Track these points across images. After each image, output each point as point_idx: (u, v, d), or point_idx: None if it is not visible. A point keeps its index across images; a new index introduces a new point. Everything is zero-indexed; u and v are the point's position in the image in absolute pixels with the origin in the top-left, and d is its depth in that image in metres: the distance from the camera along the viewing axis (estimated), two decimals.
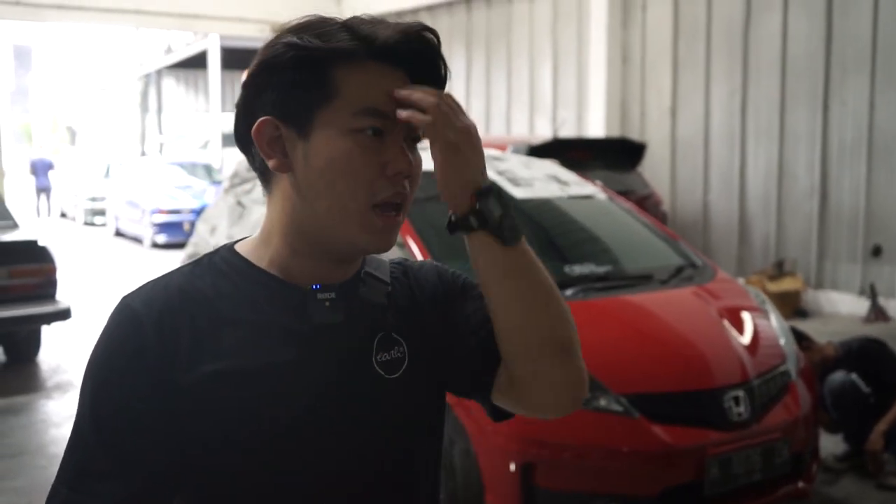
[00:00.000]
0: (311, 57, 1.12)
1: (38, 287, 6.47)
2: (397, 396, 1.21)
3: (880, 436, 4.51)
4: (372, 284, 1.24)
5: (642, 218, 5.25)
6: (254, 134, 1.16)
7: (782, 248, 9.34)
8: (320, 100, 1.12)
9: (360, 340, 1.20)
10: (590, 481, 3.54)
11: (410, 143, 1.17)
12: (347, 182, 1.12)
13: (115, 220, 17.40)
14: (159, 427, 1.11)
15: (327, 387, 1.16)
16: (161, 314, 1.13)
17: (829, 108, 8.82)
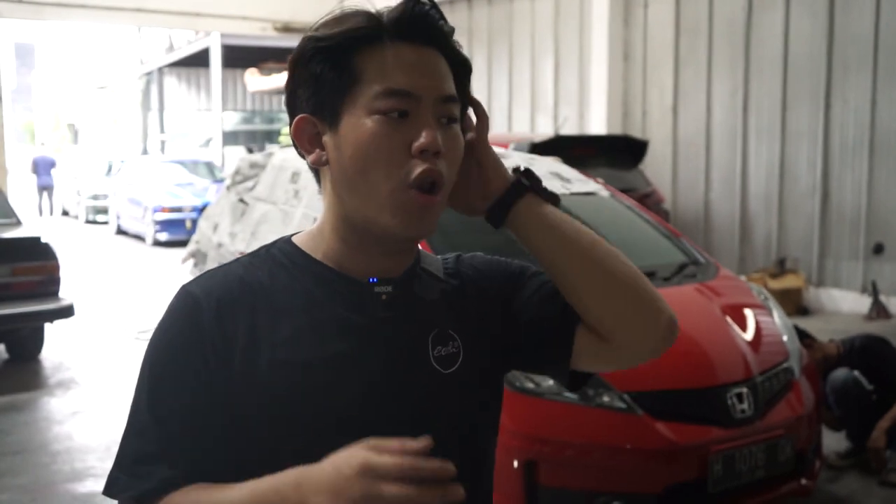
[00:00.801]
0: (328, 47, 1.14)
1: (41, 284, 6.48)
2: (453, 391, 1.22)
3: (883, 433, 4.51)
4: (427, 280, 1.25)
5: (645, 215, 5.25)
6: (293, 133, 1.18)
7: (784, 245, 9.34)
8: (344, 88, 1.14)
9: (416, 335, 1.21)
10: (593, 479, 3.53)
11: (443, 123, 1.16)
12: (377, 165, 1.12)
13: (116, 218, 17.41)
14: (214, 412, 1.13)
15: (383, 380, 1.17)
16: (220, 302, 1.15)
17: (830, 106, 8.82)
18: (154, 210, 15.35)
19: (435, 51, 1.17)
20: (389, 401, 1.18)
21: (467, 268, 1.33)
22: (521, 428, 3.55)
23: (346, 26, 1.14)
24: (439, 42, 1.18)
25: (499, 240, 4.71)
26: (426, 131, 1.12)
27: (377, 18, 1.15)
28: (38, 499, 4.49)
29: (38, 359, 7.29)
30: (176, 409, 1.13)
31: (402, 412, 1.18)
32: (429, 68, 1.16)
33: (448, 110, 1.16)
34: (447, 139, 1.15)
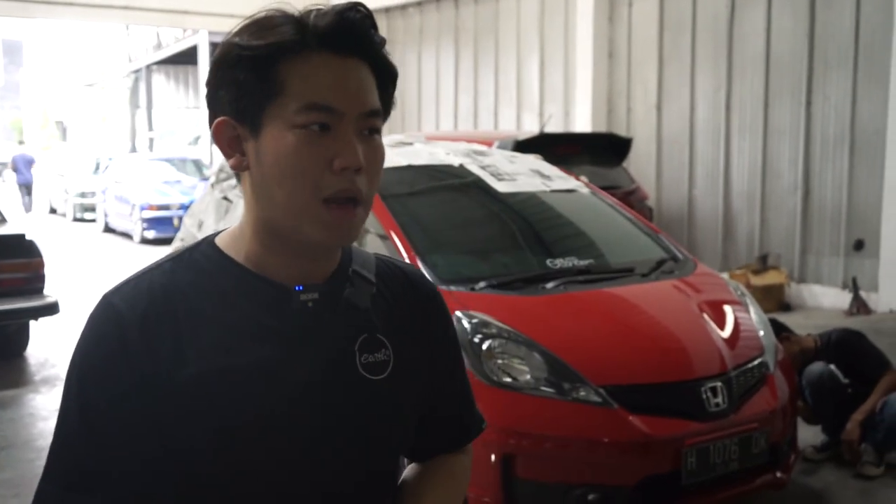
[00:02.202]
0: (252, 56, 1.12)
1: (26, 282, 6.50)
2: (383, 397, 1.22)
3: (857, 426, 4.58)
4: (359, 284, 1.23)
5: (624, 211, 5.30)
6: (213, 134, 1.18)
7: (766, 242, 9.42)
8: (267, 97, 1.12)
9: (344, 342, 1.20)
10: (569, 472, 3.58)
11: (365, 136, 1.16)
12: (294, 178, 1.12)
13: (104, 215, 17.40)
14: (146, 430, 1.12)
15: (310, 387, 1.16)
16: (145, 317, 1.13)
17: (812, 103, 8.89)
18: (142, 208, 15.35)
19: (361, 61, 1.16)
20: (317, 408, 1.17)
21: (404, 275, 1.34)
22: (499, 422, 3.58)
23: (271, 39, 1.12)
24: (368, 52, 1.17)
25: (479, 237, 4.76)
26: (348, 149, 1.12)
27: (304, 26, 1.13)
28: (22, 494, 4.52)
29: (23, 356, 7.31)
30: (108, 427, 1.12)
31: (329, 419, 1.17)
32: (353, 82, 1.14)
33: (370, 123, 1.16)
34: (368, 152, 1.15)
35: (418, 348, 1.28)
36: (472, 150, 5.59)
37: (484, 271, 4.29)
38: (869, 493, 4.38)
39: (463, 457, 1.40)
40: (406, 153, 5.34)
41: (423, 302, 1.32)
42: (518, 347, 3.76)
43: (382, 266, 1.31)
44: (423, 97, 15.29)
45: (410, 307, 1.29)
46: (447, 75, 14.60)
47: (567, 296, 4.16)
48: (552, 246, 4.73)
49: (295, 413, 1.15)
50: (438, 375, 1.33)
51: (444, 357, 1.35)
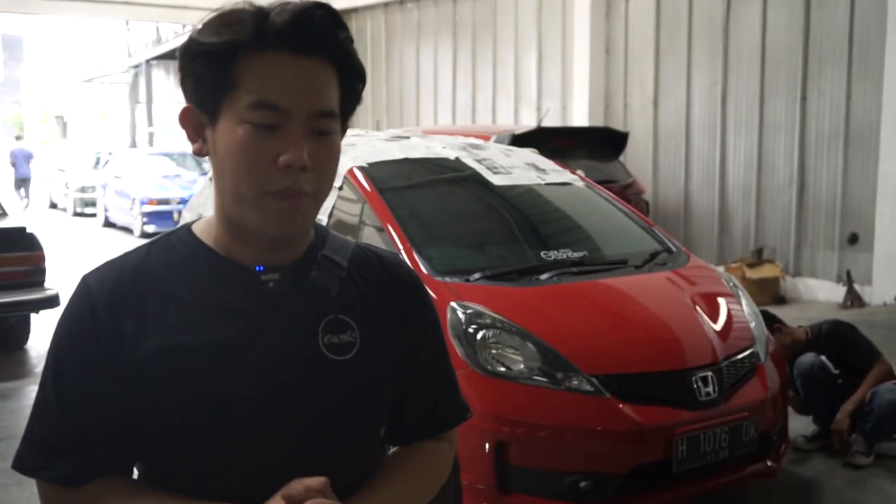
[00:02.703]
0: (208, 52, 1.17)
1: (27, 275, 6.55)
2: (347, 377, 1.24)
3: (847, 415, 4.64)
4: (326, 267, 1.27)
5: (619, 204, 5.36)
6: (179, 120, 1.25)
7: (761, 236, 9.49)
8: (222, 91, 1.17)
9: (307, 322, 1.24)
10: (562, 459, 3.65)
11: (315, 136, 1.18)
12: (241, 171, 1.16)
13: (104, 210, 17.46)
14: (113, 400, 1.18)
15: (270, 365, 1.20)
16: (111, 294, 1.21)
17: (807, 99, 8.96)
18: (142, 202, 15.42)
19: (320, 60, 1.18)
20: (277, 386, 1.21)
21: (384, 263, 1.37)
22: (492, 410, 3.66)
23: (226, 37, 1.16)
24: (329, 51, 1.19)
25: (475, 229, 4.82)
26: (294, 149, 1.15)
27: (263, 23, 1.15)
28: (24, 482, 4.56)
29: (24, 348, 7.38)
30: (78, 397, 1.19)
31: (290, 398, 1.21)
32: (305, 83, 1.17)
33: (321, 124, 1.18)
34: (318, 150, 1.18)
35: (391, 333, 1.30)
36: (468, 143, 5.65)
37: (479, 263, 4.35)
38: (858, 482, 4.44)
39: (442, 444, 1.43)
40: (402, 147, 5.40)
41: (400, 288, 1.35)
42: (512, 337, 3.83)
43: (359, 252, 1.34)
44: (421, 92, 15.34)
45: (385, 293, 1.32)
46: (445, 70, 14.65)
47: (560, 287, 4.22)
48: (547, 238, 4.79)
49: (256, 389, 1.19)
50: (415, 361, 1.35)
51: (422, 343, 1.37)
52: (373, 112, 16.28)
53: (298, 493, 1.12)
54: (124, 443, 1.21)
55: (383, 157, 5.11)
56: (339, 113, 1.22)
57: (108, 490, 1.20)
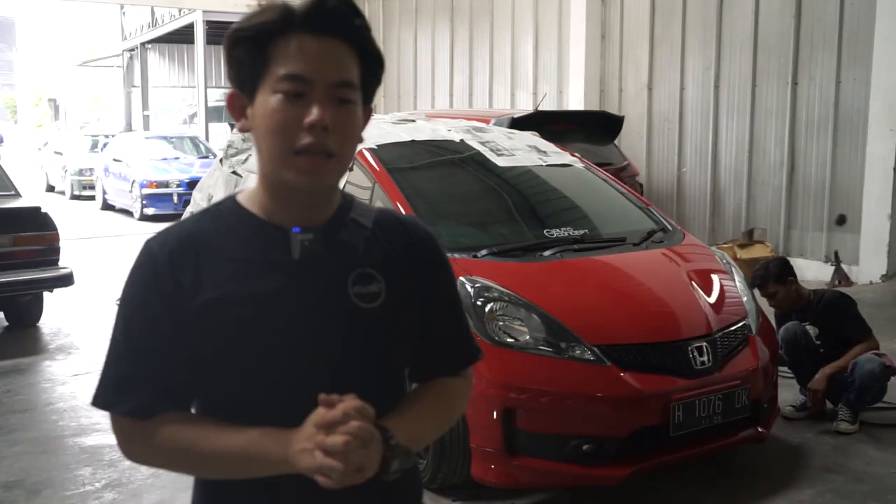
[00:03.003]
0: (246, 37, 1.38)
1: (42, 253, 6.71)
2: (374, 323, 1.43)
3: (825, 377, 4.89)
4: (353, 228, 1.46)
5: (617, 185, 5.57)
6: (227, 104, 1.45)
7: (752, 217, 9.70)
8: (258, 71, 1.37)
9: (337, 275, 1.42)
10: (565, 424, 3.85)
11: (336, 103, 1.37)
12: (276, 134, 1.36)
13: (103, 193, 17.57)
14: (176, 343, 1.38)
15: (307, 313, 1.39)
16: (171, 254, 1.40)
17: (798, 84, 9.16)
18: (141, 185, 15.52)
19: (340, 42, 1.38)
20: (314, 330, 1.40)
21: (405, 224, 1.56)
22: (500, 378, 3.87)
23: (258, 21, 1.37)
24: (347, 34, 1.39)
25: (480, 209, 5.03)
26: (315, 110, 1.34)
27: (290, 12, 1.36)
28: (49, 451, 4.79)
29: (37, 326, 7.56)
30: (145, 342, 1.39)
31: (326, 341, 1.40)
32: (326, 57, 1.36)
33: (341, 93, 1.37)
34: (338, 115, 1.37)
35: (412, 282, 1.49)
36: (472, 126, 5.84)
37: (484, 240, 4.55)
38: (843, 448, 4.67)
39: (459, 380, 1.59)
40: (409, 129, 5.58)
41: (416, 242, 1.55)
42: (518, 310, 4.04)
43: (381, 215, 1.54)
44: (419, 76, 15.48)
45: (404, 247, 1.51)
46: (443, 55, 14.79)
47: (563, 263, 4.44)
48: (549, 217, 5.00)
49: (295, 333, 1.39)
50: (433, 305, 1.55)
51: (438, 289, 1.56)
52: None
53: (335, 418, 1.29)
54: (185, 380, 1.41)
55: (391, 139, 5.30)
56: (358, 86, 1.41)
57: (173, 421, 1.40)
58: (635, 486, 4.04)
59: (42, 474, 4.45)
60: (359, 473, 1.28)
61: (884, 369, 4.85)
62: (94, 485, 4.32)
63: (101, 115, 31.23)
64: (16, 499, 4.16)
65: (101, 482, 4.35)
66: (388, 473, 1.34)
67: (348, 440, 1.26)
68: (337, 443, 1.26)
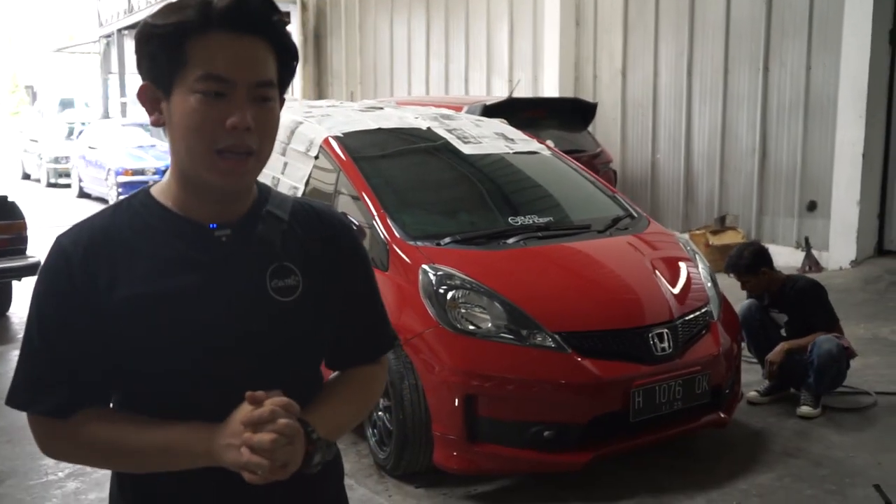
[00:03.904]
0: (161, 34, 1.36)
1: (9, 243, 6.68)
2: (292, 316, 1.44)
3: (782, 350, 4.94)
4: (270, 222, 1.46)
5: (584, 173, 5.59)
6: (137, 96, 1.44)
7: (725, 203, 9.76)
8: (175, 67, 1.36)
9: (256, 270, 1.43)
10: (527, 411, 3.90)
11: (258, 102, 1.37)
12: (192, 133, 1.35)
13: (79, 180, 17.45)
14: (92, 341, 1.37)
15: (226, 308, 1.40)
16: (85, 251, 1.38)
17: (769, 70, 9.19)
18: (117, 173, 15.42)
19: (258, 39, 1.37)
20: (233, 326, 1.40)
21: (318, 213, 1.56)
22: (461, 365, 3.90)
23: (174, 19, 1.35)
24: (265, 32, 1.38)
25: (446, 197, 5.04)
26: (238, 112, 1.34)
27: (209, 10, 1.34)
28: (14, 440, 4.77)
29: (6, 315, 7.53)
30: (60, 340, 1.37)
31: (244, 335, 1.41)
32: (246, 57, 1.36)
33: (262, 92, 1.37)
34: (260, 114, 1.37)
35: (327, 274, 1.50)
36: (439, 114, 5.85)
37: (450, 228, 4.57)
38: (804, 432, 4.73)
39: (376, 367, 1.63)
40: (376, 117, 5.59)
41: (331, 233, 1.56)
42: (480, 297, 4.06)
43: (297, 206, 1.54)
44: (395, 63, 15.44)
45: (320, 239, 1.52)
46: (419, 41, 14.76)
47: (526, 250, 4.46)
48: (515, 205, 5.02)
49: (215, 329, 1.39)
50: (350, 296, 1.57)
51: (354, 279, 1.57)
52: (347, 83, 16.36)
53: (262, 416, 1.29)
54: (103, 377, 1.40)
55: (357, 126, 5.30)
56: (276, 84, 1.40)
57: (91, 419, 1.39)
58: (596, 472, 4.08)
59: (6, 463, 4.45)
60: (283, 469, 1.31)
61: (842, 350, 4.90)
62: (58, 474, 4.32)
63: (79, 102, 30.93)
64: None
65: (64, 472, 4.35)
66: (310, 467, 1.36)
67: (276, 438, 1.28)
68: (265, 440, 1.28)
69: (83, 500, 4.05)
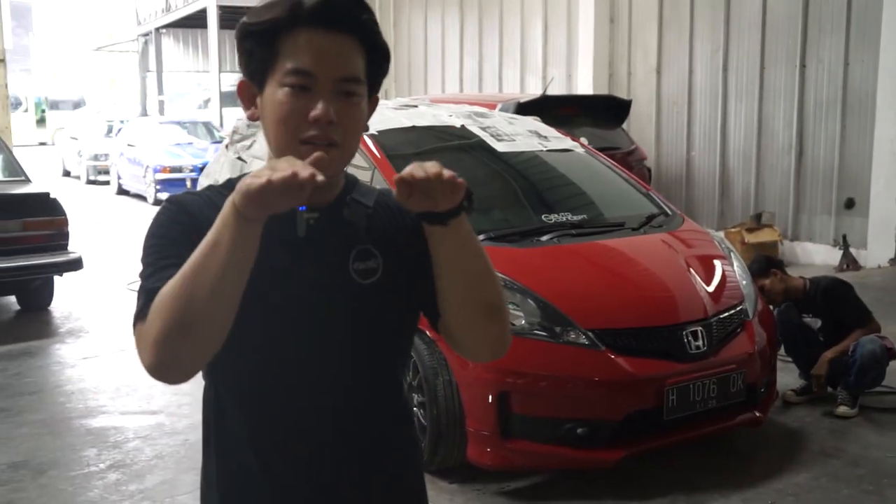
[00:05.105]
0: (256, 31, 1.44)
1: (51, 238, 6.81)
2: (371, 298, 1.49)
3: (826, 362, 4.89)
4: (354, 207, 1.52)
5: (617, 170, 5.58)
6: (237, 92, 1.51)
7: (761, 201, 9.68)
8: (267, 64, 1.44)
9: (339, 251, 1.49)
10: (560, 407, 3.91)
11: (342, 96, 1.43)
12: (279, 124, 1.42)
13: (117, 178, 17.68)
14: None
15: (312, 286, 1.47)
16: (200, 209, 1.44)
17: (806, 66, 9.11)
18: (155, 170, 15.63)
19: (347, 36, 1.43)
20: (316, 303, 1.47)
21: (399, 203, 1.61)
22: (496, 363, 3.88)
23: (266, 17, 1.42)
24: (353, 29, 1.44)
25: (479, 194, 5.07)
26: (320, 106, 1.40)
27: (298, 7, 1.41)
28: (55, 432, 4.88)
29: (48, 309, 7.67)
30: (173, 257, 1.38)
31: (326, 312, 1.47)
32: (332, 52, 1.42)
33: (346, 87, 1.43)
34: (343, 108, 1.42)
35: (410, 260, 1.53)
36: (473, 111, 5.86)
37: (483, 225, 4.57)
38: (841, 431, 4.69)
39: None
40: (410, 115, 5.61)
41: (414, 220, 1.55)
42: (513, 294, 4.07)
43: (381, 196, 1.59)
44: (429, 61, 15.49)
45: (404, 226, 1.57)
46: (452, 39, 14.78)
47: (560, 248, 4.47)
48: (548, 202, 5.02)
49: (300, 305, 1.45)
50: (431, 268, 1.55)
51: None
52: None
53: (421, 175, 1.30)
54: None
55: (392, 124, 5.33)
56: (364, 80, 1.46)
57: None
58: (629, 469, 4.07)
59: (48, 455, 4.54)
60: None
61: (885, 351, 4.86)
62: (99, 465, 4.41)
63: (117, 99, 31.37)
64: (22, 478, 4.25)
65: (105, 463, 4.43)
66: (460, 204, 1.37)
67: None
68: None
69: (124, 491, 4.13)
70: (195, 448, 4.53)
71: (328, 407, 1.50)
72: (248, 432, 1.50)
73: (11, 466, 4.38)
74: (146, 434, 4.79)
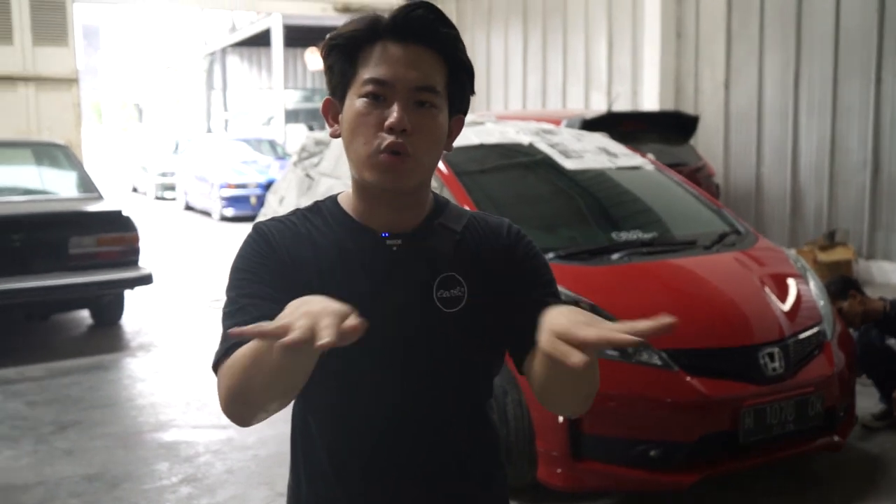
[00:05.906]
0: (338, 45, 1.46)
1: (123, 254, 6.94)
2: (454, 328, 1.46)
3: None
4: (441, 233, 1.50)
5: (688, 187, 5.49)
6: (322, 110, 1.52)
7: (834, 219, 9.45)
8: (347, 77, 1.46)
9: (424, 279, 1.47)
10: (632, 428, 3.83)
11: (416, 106, 1.42)
12: (358, 135, 1.43)
13: (184, 194, 18.03)
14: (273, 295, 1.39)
15: (394, 314, 1.44)
16: (281, 235, 1.48)
17: (881, 80, 8.88)
18: (220, 186, 15.89)
19: (425, 48, 1.44)
20: (399, 333, 1.44)
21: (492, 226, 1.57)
22: None
23: (348, 31, 1.46)
24: (433, 42, 1.44)
25: (548, 212, 5.01)
26: (395, 114, 1.40)
27: (378, 21, 1.44)
28: (128, 445, 4.95)
29: (119, 324, 7.81)
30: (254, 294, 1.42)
31: (410, 343, 1.45)
32: (407, 63, 1.42)
33: (421, 96, 1.42)
34: (417, 118, 1.42)
35: (498, 286, 1.50)
36: (540, 128, 5.83)
37: (553, 243, 4.54)
38: None
39: None
40: (478, 132, 5.60)
41: (505, 246, 1.55)
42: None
43: (472, 220, 1.57)
44: (491, 77, 15.49)
45: (493, 252, 1.54)
46: (515, 55, 14.78)
47: (631, 266, 4.40)
48: (618, 220, 4.97)
49: (383, 334, 1.38)
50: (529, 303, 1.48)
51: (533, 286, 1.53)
52: None
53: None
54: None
55: (460, 142, 5.31)
56: (441, 92, 1.44)
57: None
58: (703, 494, 3.99)
59: (121, 468, 4.60)
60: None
61: None
62: (171, 479, 4.45)
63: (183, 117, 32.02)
64: (96, 491, 4.32)
65: (177, 476, 4.48)
66: None
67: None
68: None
69: None
70: (265, 463, 4.56)
71: (408, 434, 1.49)
72: (327, 456, 1.51)
73: (86, 478, 4.45)
74: (217, 448, 4.83)
